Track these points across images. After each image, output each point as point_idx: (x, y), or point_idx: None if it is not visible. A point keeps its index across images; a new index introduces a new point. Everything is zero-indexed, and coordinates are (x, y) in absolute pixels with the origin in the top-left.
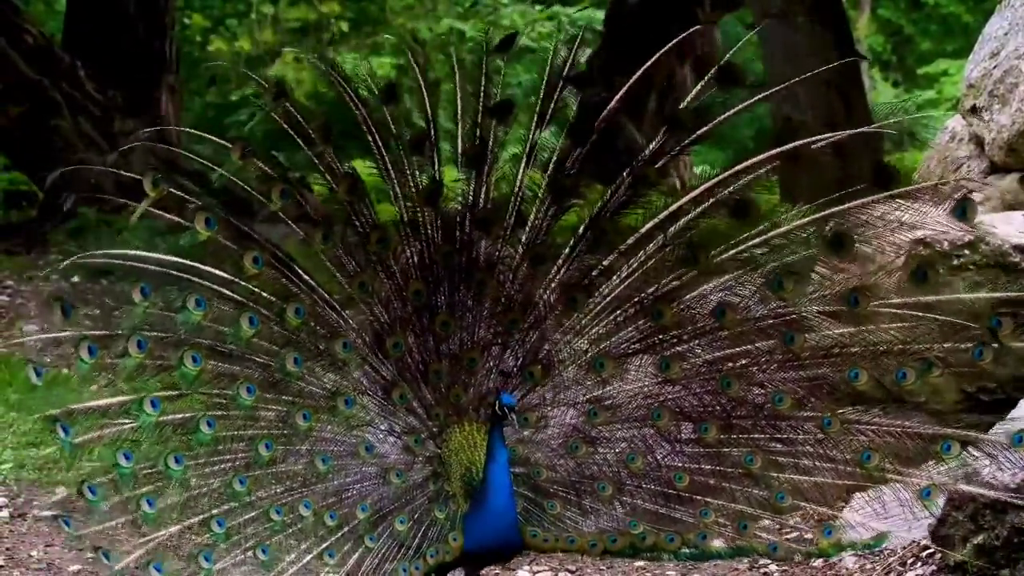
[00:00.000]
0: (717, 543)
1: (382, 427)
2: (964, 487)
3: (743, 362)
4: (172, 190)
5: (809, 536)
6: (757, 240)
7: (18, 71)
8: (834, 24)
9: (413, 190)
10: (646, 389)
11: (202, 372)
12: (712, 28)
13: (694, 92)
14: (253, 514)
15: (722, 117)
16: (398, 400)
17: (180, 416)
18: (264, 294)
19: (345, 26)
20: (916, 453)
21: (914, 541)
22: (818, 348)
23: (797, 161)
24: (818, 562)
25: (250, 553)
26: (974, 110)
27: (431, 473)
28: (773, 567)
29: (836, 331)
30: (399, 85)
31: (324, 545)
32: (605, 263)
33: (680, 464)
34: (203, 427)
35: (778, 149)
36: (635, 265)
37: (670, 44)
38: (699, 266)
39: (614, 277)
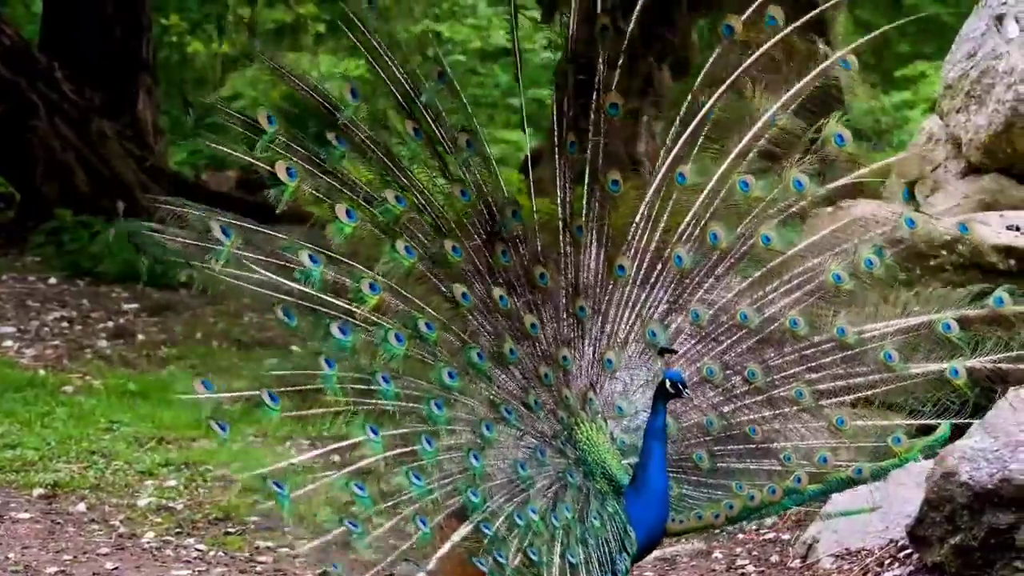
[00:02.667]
0: (812, 485)
1: (539, 431)
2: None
3: (748, 297)
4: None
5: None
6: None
7: None
8: (812, 25)
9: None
10: (691, 352)
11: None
12: (689, 30)
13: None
14: (518, 521)
15: None
16: (534, 406)
17: (399, 450)
18: (401, 307)
19: (322, 28)
20: (928, 342)
21: (892, 541)
22: (796, 261)
23: None
24: (795, 562)
25: (522, 554)
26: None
27: (584, 473)
28: (751, 567)
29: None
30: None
31: (561, 543)
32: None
33: (747, 417)
34: (425, 445)
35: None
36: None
37: None
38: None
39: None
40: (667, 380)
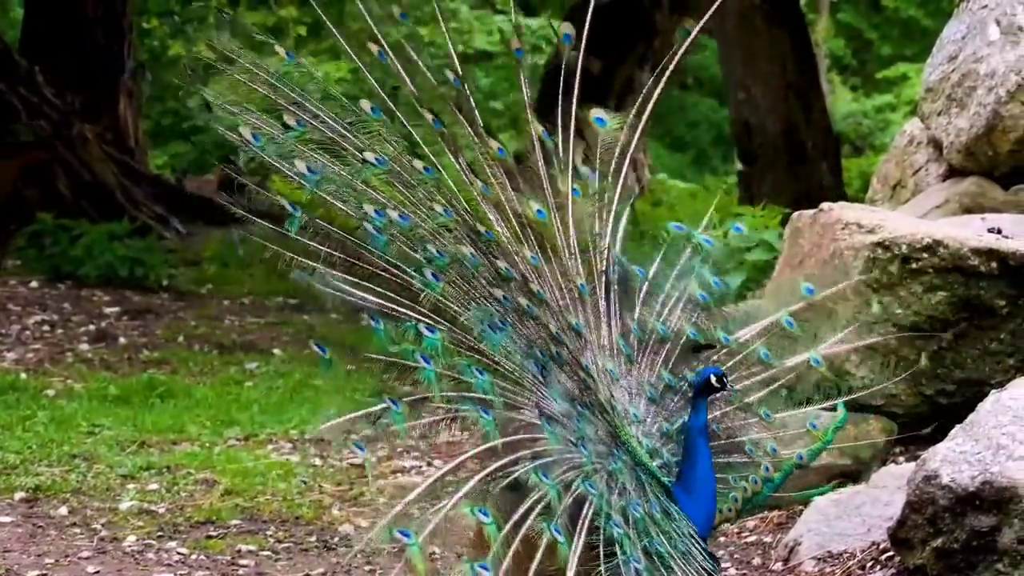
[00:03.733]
0: (776, 473)
1: (605, 431)
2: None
3: (654, 312)
4: None
5: None
6: None
7: None
8: (792, 28)
9: None
10: (649, 361)
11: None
12: (671, 32)
13: None
14: (635, 512)
15: None
16: (591, 406)
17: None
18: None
19: (303, 30)
20: (786, 339)
21: (874, 544)
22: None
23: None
24: (777, 565)
25: (646, 556)
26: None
27: (641, 471)
28: (732, 570)
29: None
30: None
31: (666, 536)
32: None
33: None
34: (547, 424)
35: None
36: None
37: None
38: None
39: None
40: (711, 376)
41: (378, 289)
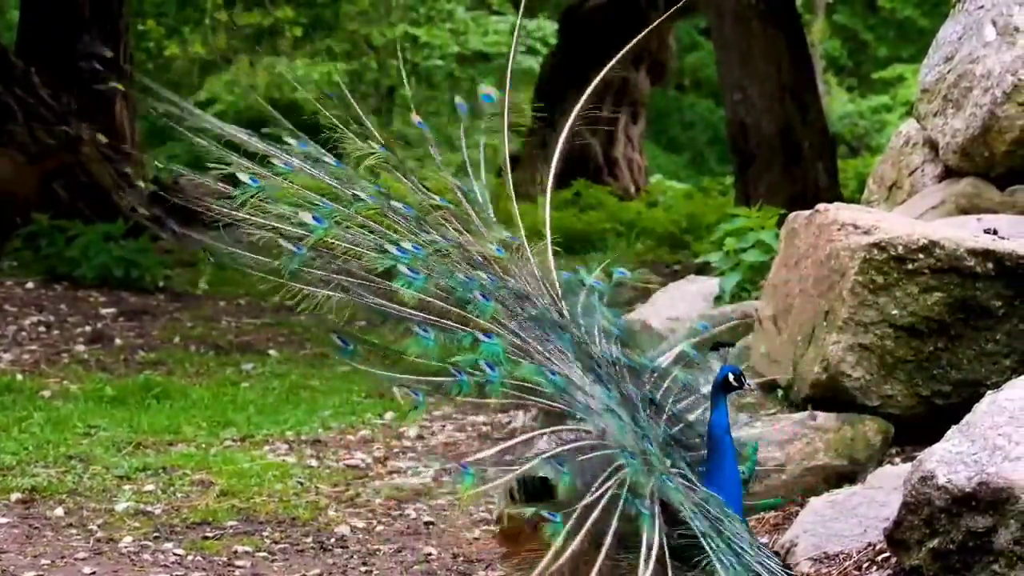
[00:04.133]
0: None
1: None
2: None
3: (592, 336)
4: None
5: None
6: None
7: None
8: (788, 29)
9: None
10: (619, 375)
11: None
12: (667, 32)
13: None
14: (710, 510)
15: None
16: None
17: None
18: None
19: (299, 31)
20: (696, 367)
21: (870, 544)
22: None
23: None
24: None
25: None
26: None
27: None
28: None
29: None
30: None
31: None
32: None
33: (677, 430)
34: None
35: None
36: None
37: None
38: None
39: None
40: (729, 374)
41: (420, 314)
